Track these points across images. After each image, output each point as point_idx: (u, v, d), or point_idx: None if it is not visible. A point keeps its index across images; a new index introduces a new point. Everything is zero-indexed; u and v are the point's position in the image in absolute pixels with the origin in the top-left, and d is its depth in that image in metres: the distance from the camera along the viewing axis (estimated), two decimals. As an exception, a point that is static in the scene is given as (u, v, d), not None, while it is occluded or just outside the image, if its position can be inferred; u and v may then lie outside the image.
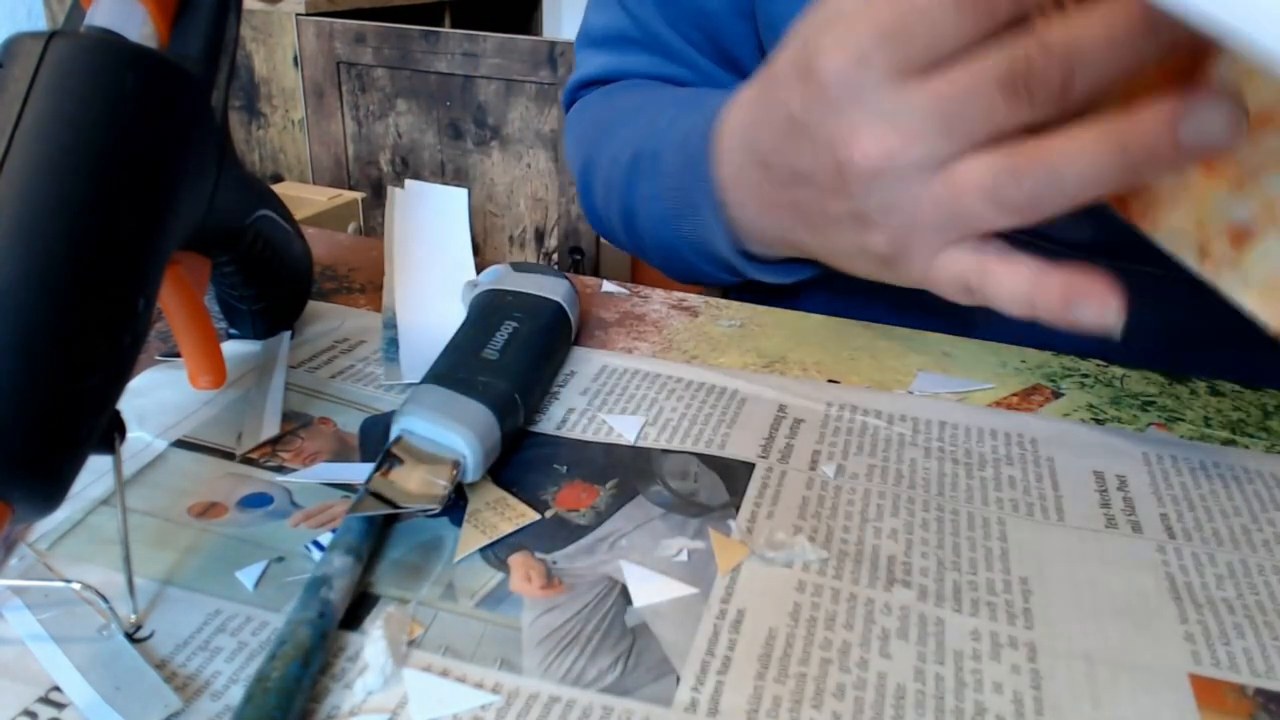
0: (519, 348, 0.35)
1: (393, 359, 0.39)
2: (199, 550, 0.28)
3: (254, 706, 0.22)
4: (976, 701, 0.24)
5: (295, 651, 0.23)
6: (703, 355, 0.41)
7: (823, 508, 0.31)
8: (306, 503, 0.30)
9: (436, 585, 0.27)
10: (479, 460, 0.30)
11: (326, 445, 0.33)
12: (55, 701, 0.23)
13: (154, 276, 0.25)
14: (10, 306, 0.22)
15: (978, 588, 0.28)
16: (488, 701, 0.23)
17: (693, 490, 0.32)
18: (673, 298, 0.47)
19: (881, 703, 0.24)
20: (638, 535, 0.30)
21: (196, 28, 0.29)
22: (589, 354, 0.41)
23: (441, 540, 0.29)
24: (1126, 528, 0.31)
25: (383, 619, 0.25)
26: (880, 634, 0.26)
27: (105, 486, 0.30)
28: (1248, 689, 0.25)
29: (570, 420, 0.36)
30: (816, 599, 0.27)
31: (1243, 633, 0.27)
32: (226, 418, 0.34)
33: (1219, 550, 0.30)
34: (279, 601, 0.26)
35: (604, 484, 0.32)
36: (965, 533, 0.30)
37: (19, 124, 0.23)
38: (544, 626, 0.26)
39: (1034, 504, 0.32)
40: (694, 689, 0.24)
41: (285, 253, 0.38)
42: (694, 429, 0.35)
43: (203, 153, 0.28)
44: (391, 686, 0.24)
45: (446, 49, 1.59)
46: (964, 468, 0.34)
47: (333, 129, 1.71)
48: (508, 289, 0.39)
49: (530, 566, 0.28)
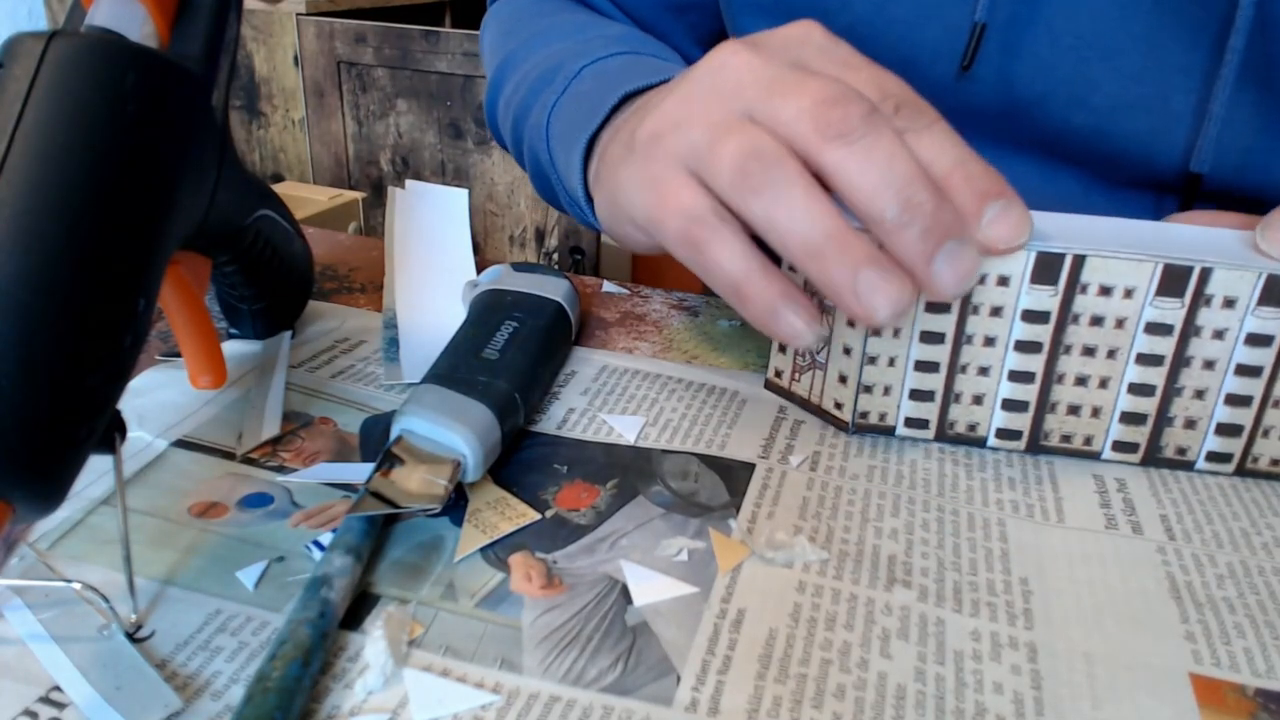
0: (519, 348, 0.35)
1: (393, 359, 0.39)
2: (199, 550, 0.28)
3: (254, 706, 0.22)
4: (977, 702, 0.24)
5: (295, 651, 0.23)
6: (703, 355, 0.41)
7: (823, 508, 0.31)
8: (307, 503, 0.30)
9: (437, 585, 0.27)
10: (479, 460, 0.30)
11: (327, 445, 0.33)
12: (56, 701, 0.23)
13: (154, 276, 0.25)
14: (10, 306, 0.22)
15: (978, 588, 0.28)
16: (488, 701, 0.23)
17: (693, 490, 0.32)
18: (673, 298, 0.47)
19: (882, 703, 0.24)
20: (638, 535, 0.30)
21: (197, 27, 0.29)
22: (589, 354, 0.41)
23: (442, 540, 0.29)
24: (1127, 528, 0.31)
25: (383, 619, 0.25)
26: (881, 634, 0.26)
27: (105, 486, 0.30)
28: (1248, 689, 0.25)
29: (571, 420, 0.36)
30: (817, 599, 0.27)
31: (1243, 632, 0.27)
32: (227, 418, 0.34)
33: (1219, 551, 0.30)
34: (279, 601, 0.26)
35: (604, 484, 0.32)
36: (965, 533, 0.30)
37: (19, 124, 0.23)
38: (544, 626, 0.26)
39: (1034, 505, 0.32)
40: (694, 689, 0.24)
41: (286, 252, 0.38)
42: (694, 429, 0.35)
43: (203, 151, 0.28)
44: (392, 686, 0.24)
45: (447, 49, 1.59)
46: (964, 468, 0.34)
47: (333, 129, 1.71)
48: (508, 289, 0.39)
49: (530, 566, 0.28)
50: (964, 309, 0.33)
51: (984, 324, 0.33)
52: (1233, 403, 0.33)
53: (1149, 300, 0.32)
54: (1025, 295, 0.32)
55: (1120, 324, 0.32)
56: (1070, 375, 0.33)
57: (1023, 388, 0.34)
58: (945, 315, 0.33)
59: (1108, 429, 0.34)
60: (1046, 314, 0.32)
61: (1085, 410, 0.34)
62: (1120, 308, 0.32)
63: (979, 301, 0.32)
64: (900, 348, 0.34)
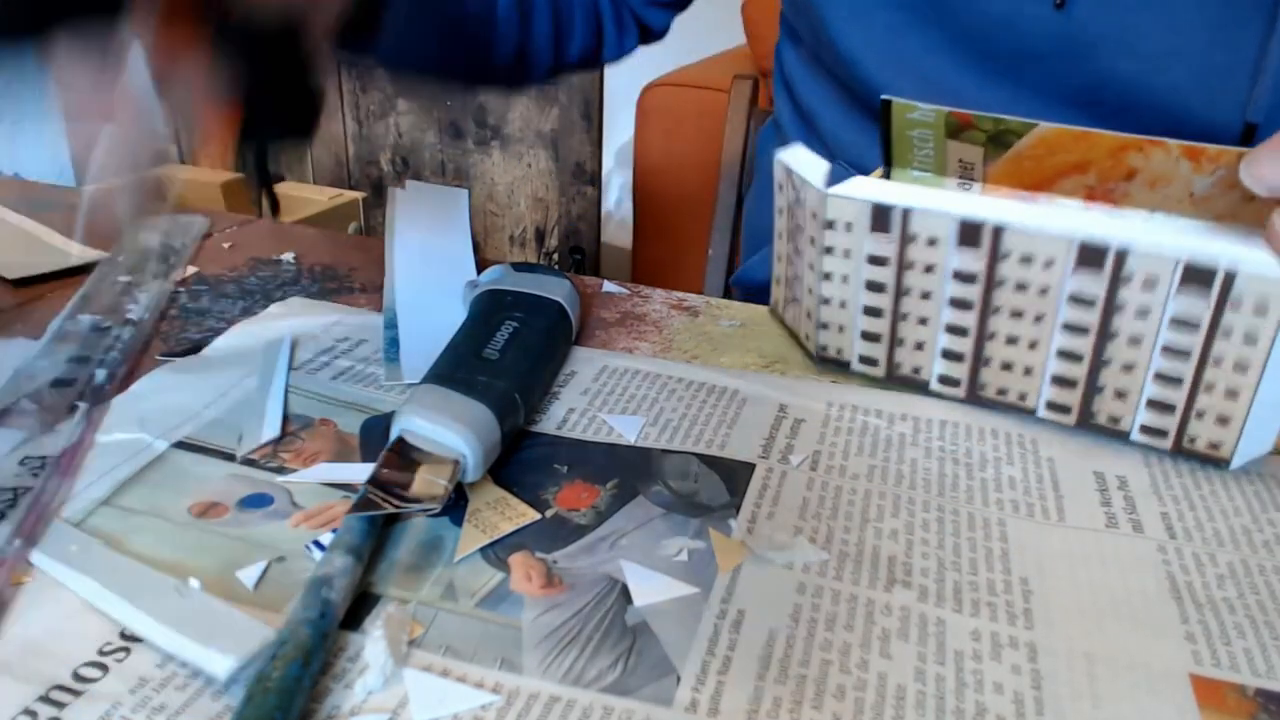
0: (519, 348, 0.35)
1: (393, 359, 0.39)
2: (200, 550, 0.28)
3: (254, 706, 0.22)
4: (977, 702, 0.24)
5: (296, 651, 0.23)
6: (703, 355, 0.41)
7: (823, 508, 0.31)
8: (307, 503, 0.30)
9: (437, 585, 0.27)
10: (479, 460, 0.30)
11: (327, 446, 0.33)
12: (55, 701, 0.23)
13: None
14: None
15: (978, 588, 0.28)
16: (488, 701, 0.23)
17: (693, 490, 0.32)
18: (673, 298, 0.47)
19: (882, 703, 0.24)
20: (638, 535, 0.30)
21: None
22: (589, 354, 0.41)
23: (442, 540, 0.29)
24: (1127, 528, 0.31)
25: (383, 619, 0.25)
26: (881, 634, 0.26)
27: (105, 488, 0.30)
28: (1248, 689, 0.25)
29: (571, 420, 0.36)
30: (817, 599, 0.27)
31: (1243, 633, 0.27)
32: (227, 420, 0.34)
33: (1220, 550, 0.30)
34: (279, 602, 0.26)
35: (604, 484, 0.32)
36: (966, 533, 0.30)
37: None
38: (544, 626, 0.26)
39: (1034, 504, 0.32)
40: (694, 689, 0.24)
41: None
42: (694, 429, 0.35)
43: None
44: (392, 686, 0.24)
45: (447, 49, 1.58)
46: (964, 468, 0.34)
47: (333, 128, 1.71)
48: (508, 289, 0.39)
49: (531, 566, 0.28)
50: (900, 265, 0.35)
51: (919, 279, 0.36)
52: (1162, 382, 0.33)
53: (1069, 272, 0.33)
54: (954, 256, 0.34)
55: (1044, 292, 0.34)
56: (1001, 334, 0.35)
57: (959, 339, 0.36)
58: (885, 268, 0.36)
59: (1040, 389, 0.35)
60: (975, 275, 0.35)
61: (1018, 368, 0.35)
62: (1042, 277, 0.33)
63: (912, 259, 0.35)
64: (850, 292, 0.37)
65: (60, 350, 0.37)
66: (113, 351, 0.38)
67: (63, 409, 0.34)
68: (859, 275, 0.37)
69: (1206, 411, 0.33)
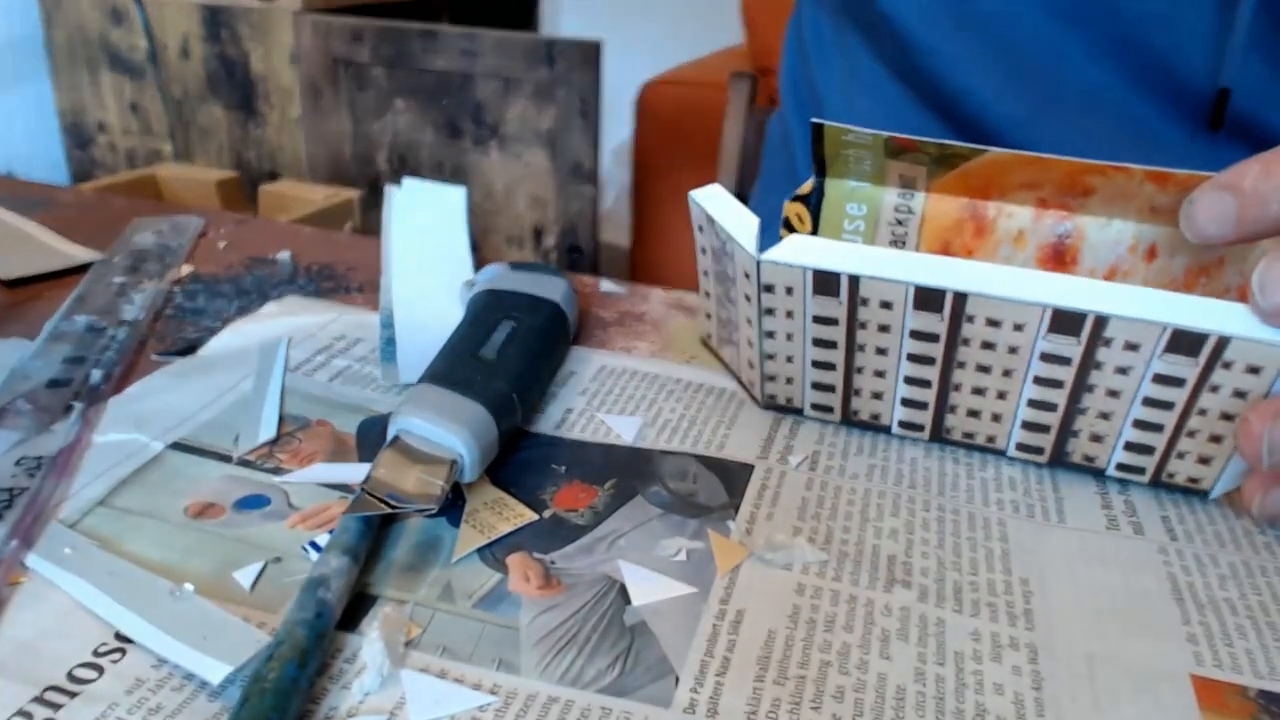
0: (517, 347, 0.35)
1: (390, 359, 0.39)
2: (196, 551, 0.28)
3: (250, 708, 0.22)
4: (977, 703, 0.24)
5: (292, 652, 0.23)
6: (702, 355, 0.41)
7: (822, 508, 0.31)
8: (304, 504, 0.30)
9: (434, 585, 0.27)
10: (476, 460, 0.30)
11: (324, 447, 0.33)
12: (51, 702, 0.23)
13: None
14: None
15: (978, 588, 0.28)
16: (485, 702, 0.23)
17: (692, 491, 0.32)
18: (671, 297, 0.47)
19: (881, 704, 0.24)
20: (636, 535, 0.29)
21: None
22: (587, 354, 0.41)
23: (439, 540, 0.29)
24: (1128, 529, 0.31)
25: (380, 619, 0.25)
26: (880, 635, 0.26)
27: (101, 488, 0.30)
28: (1250, 690, 0.25)
29: (569, 420, 0.36)
30: (816, 601, 0.27)
31: (1245, 634, 0.27)
32: (224, 420, 0.34)
33: (1221, 551, 0.30)
34: (276, 602, 0.26)
35: (602, 484, 0.32)
36: (966, 533, 0.30)
37: None
38: (542, 626, 0.26)
39: (1035, 505, 0.32)
40: (693, 690, 0.24)
41: None
42: (693, 429, 0.35)
43: None
44: (389, 687, 0.24)
45: (444, 47, 1.58)
46: (964, 468, 0.34)
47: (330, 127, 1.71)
48: (505, 288, 0.39)
49: (528, 566, 0.28)
50: (851, 323, 0.32)
51: (874, 337, 0.33)
52: (1142, 428, 0.31)
53: (1041, 334, 0.30)
54: (910, 318, 0.31)
55: (1014, 350, 0.31)
56: (967, 386, 0.33)
57: (921, 389, 0.33)
58: (835, 327, 0.33)
59: (1010, 433, 0.33)
60: (936, 335, 0.32)
61: (985, 415, 0.33)
62: (1012, 338, 0.31)
63: (865, 319, 0.32)
64: (796, 349, 0.34)
65: (56, 351, 0.37)
66: (108, 352, 0.38)
67: (58, 409, 0.33)
68: (805, 334, 0.33)
69: (1188, 453, 0.31)
